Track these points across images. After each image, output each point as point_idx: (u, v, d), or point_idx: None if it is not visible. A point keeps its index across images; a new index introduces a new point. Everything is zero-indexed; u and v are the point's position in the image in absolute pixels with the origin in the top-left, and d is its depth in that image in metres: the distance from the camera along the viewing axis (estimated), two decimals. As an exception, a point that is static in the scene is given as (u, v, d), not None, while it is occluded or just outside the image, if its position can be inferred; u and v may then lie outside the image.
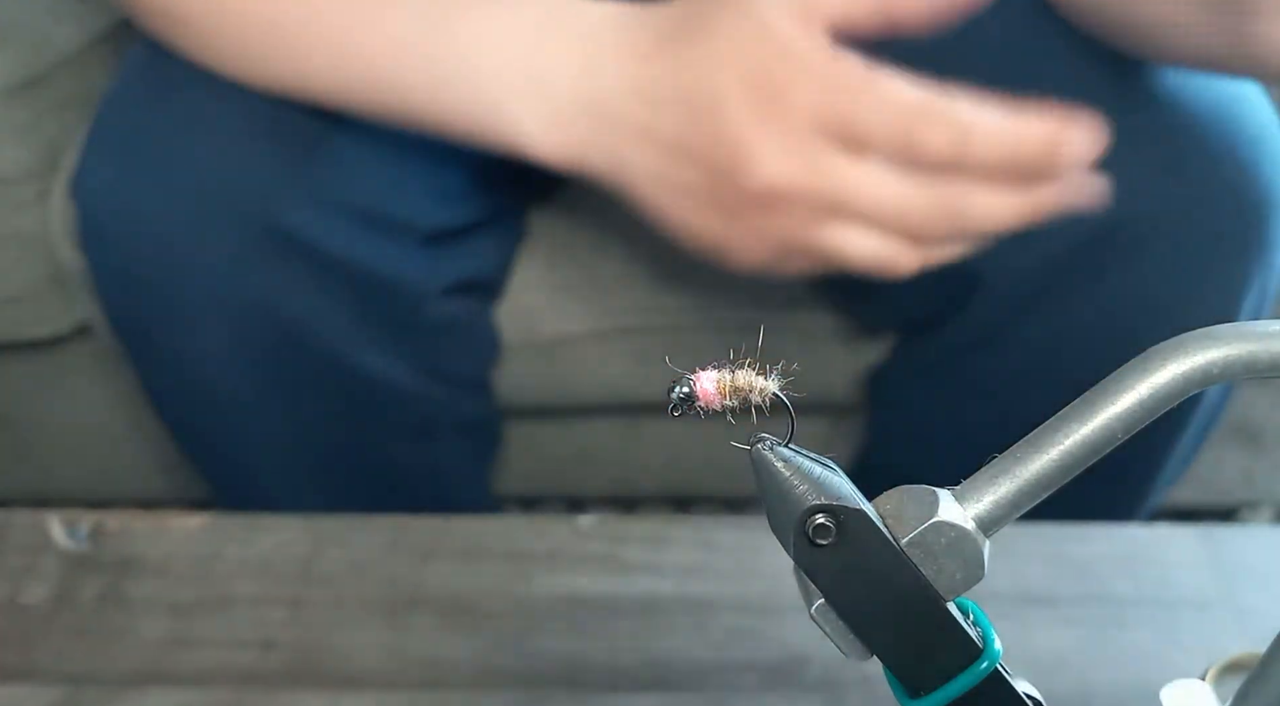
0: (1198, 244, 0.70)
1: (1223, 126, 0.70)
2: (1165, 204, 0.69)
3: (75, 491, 1.09)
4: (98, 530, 0.60)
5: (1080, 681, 0.52)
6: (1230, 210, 0.70)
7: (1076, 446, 0.29)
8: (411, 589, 0.57)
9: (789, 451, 0.30)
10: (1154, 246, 0.70)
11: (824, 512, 0.30)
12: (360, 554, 0.59)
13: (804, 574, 0.31)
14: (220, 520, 0.61)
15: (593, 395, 0.95)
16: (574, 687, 0.52)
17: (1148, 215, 0.70)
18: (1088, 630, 0.54)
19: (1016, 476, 0.30)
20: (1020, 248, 0.72)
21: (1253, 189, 0.70)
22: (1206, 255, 0.71)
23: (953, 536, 0.30)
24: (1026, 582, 0.56)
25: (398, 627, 0.55)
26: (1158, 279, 0.71)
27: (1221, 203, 0.69)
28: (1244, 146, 0.70)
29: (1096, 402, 0.29)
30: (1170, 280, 0.71)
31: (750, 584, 0.57)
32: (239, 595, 0.57)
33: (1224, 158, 0.69)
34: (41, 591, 0.57)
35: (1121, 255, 0.71)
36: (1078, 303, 0.73)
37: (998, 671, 0.31)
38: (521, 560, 0.59)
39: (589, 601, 0.56)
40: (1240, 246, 0.71)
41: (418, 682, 0.53)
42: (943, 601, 0.30)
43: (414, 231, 0.72)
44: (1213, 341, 0.29)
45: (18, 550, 0.59)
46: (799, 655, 0.53)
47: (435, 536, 0.60)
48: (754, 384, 0.31)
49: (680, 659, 0.53)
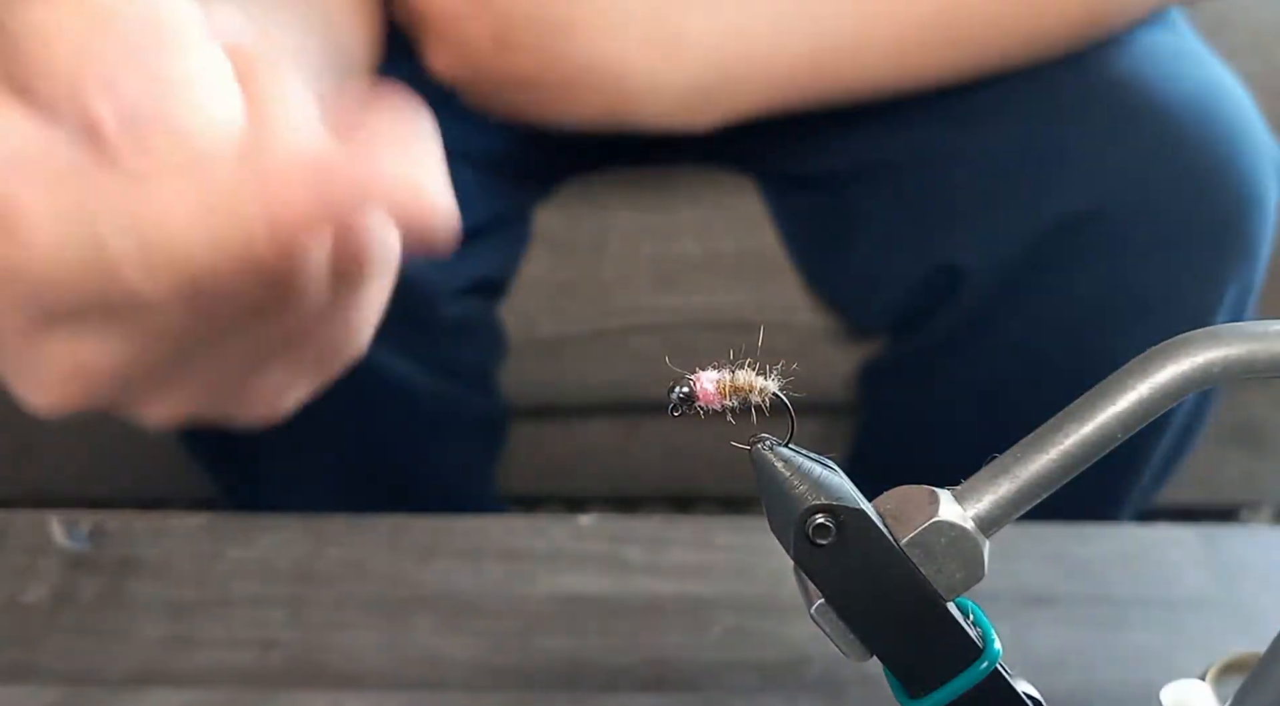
0: (1174, 238, 0.70)
1: (1199, 120, 0.70)
2: (1139, 196, 0.70)
3: (75, 491, 1.09)
4: (98, 530, 0.60)
5: (1080, 681, 0.52)
6: (1207, 205, 0.70)
7: (1076, 446, 0.29)
8: (411, 589, 0.57)
9: (789, 451, 0.30)
10: (1130, 239, 0.70)
11: (824, 512, 0.30)
12: (360, 554, 0.59)
13: (804, 574, 0.31)
14: (220, 520, 0.61)
15: (593, 395, 0.95)
16: (574, 687, 0.52)
17: (1121, 207, 0.70)
18: (1088, 630, 0.54)
19: (1016, 476, 0.30)
20: (999, 239, 0.72)
21: (1231, 186, 0.70)
22: (1184, 249, 0.71)
23: (953, 536, 0.30)
24: (1026, 582, 0.56)
25: (398, 627, 0.55)
26: (1134, 272, 0.71)
27: (1198, 197, 0.70)
28: (1222, 141, 0.70)
29: (1096, 402, 0.29)
30: (1147, 274, 0.71)
31: (750, 584, 0.57)
32: (239, 595, 0.57)
33: (1200, 152, 0.69)
34: (41, 591, 0.57)
35: (1097, 248, 0.71)
36: (1058, 295, 0.73)
37: (998, 671, 0.31)
38: (521, 560, 0.59)
39: (589, 601, 0.56)
40: (1218, 241, 0.71)
41: (418, 682, 0.53)
42: (943, 601, 0.30)
43: None
44: (1213, 341, 0.29)
45: (18, 550, 0.59)
46: (799, 655, 0.53)
47: (435, 536, 0.60)
48: (754, 384, 0.31)
49: (680, 659, 0.53)
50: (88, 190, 0.27)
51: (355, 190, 0.26)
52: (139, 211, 0.27)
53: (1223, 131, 0.70)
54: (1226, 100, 0.71)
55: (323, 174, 0.26)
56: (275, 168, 0.27)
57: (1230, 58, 0.79)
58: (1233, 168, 0.69)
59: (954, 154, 0.74)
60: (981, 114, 0.72)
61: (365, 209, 0.26)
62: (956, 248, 0.73)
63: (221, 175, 0.27)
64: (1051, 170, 0.71)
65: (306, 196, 0.26)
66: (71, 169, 0.28)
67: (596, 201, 0.89)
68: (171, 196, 0.26)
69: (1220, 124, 0.70)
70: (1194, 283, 0.71)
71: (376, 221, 0.27)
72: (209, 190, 0.26)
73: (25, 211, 0.27)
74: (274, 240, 0.26)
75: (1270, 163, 0.72)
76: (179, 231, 0.26)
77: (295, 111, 0.31)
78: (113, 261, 0.27)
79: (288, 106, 0.30)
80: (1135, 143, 0.69)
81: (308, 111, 0.31)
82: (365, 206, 0.26)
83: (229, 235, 0.26)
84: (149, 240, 0.27)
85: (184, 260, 0.27)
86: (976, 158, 0.73)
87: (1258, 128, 0.72)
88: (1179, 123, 0.69)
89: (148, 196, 0.27)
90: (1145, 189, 0.69)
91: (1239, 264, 0.71)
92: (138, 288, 0.27)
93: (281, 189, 0.26)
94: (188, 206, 0.26)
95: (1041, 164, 0.71)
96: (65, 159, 0.28)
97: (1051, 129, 0.71)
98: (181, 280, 0.27)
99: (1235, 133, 0.70)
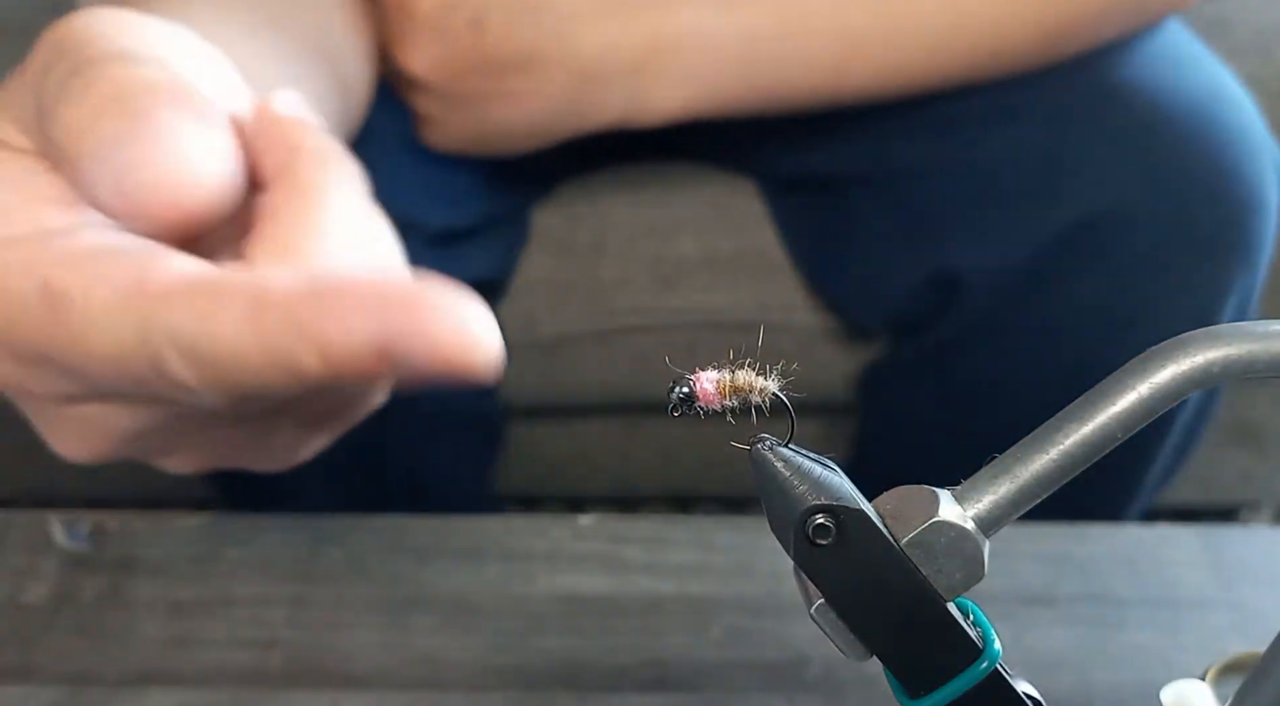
0: (1176, 243, 0.70)
1: (1201, 125, 0.70)
2: (1141, 202, 0.70)
3: (75, 491, 1.09)
4: (98, 530, 0.60)
5: (1080, 681, 0.52)
6: (1209, 211, 0.70)
7: (1076, 446, 0.29)
8: (411, 589, 0.57)
9: (789, 451, 0.30)
10: (1131, 245, 0.70)
11: (824, 512, 0.30)
12: (360, 554, 0.59)
13: (804, 574, 0.31)
14: (220, 520, 0.61)
15: (593, 395, 0.95)
16: (574, 687, 0.52)
17: (1123, 213, 0.70)
18: (1088, 630, 0.54)
19: (1016, 476, 0.30)
20: (1000, 244, 0.72)
21: (1233, 190, 0.70)
22: (1186, 255, 0.71)
23: (953, 536, 0.30)
24: (1026, 582, 0.56)
25: (398, 627, 0.55)
26: (1137, 278, 0.71)
27: (1200, 203, 0.70)
28: (1224, 147, 0.70)
29: (1096, 402, 0.29)
30: (1149, 279, 0.71)
31: (750, 584, 0.57)
32: (239, 595, 0.57)
33: (1202, 158, 0.69)
34: (41, 591, 0.57)
35: (1099, 253, 0.71)
36: (1059, 300, 0.73)
37: (997, 671, 0.31)
38: (521, 560, 0.59)
39: (589, 601, 0.56)
40: (1220, 247, 0.71)
41: (418, 682, 0.53)
42: (943, 601, 0.30)
43: (421, 231, 0.72)
44: (1213, 341, 0.29)
45: (18, 550, 0.59)
46: (799, 655, 0.53)
47: (435, 536, 0.60)
48: (754, 384, 0.31)
49: (680, 659, 0.53)
50: (142, 292, 0.27)
51: (412, 327, 0.26)
52: (192, 323, 0.27)
53: (1224, 136, 0.70)
54: (1228, 104, 0.71)
55: (382, 306, 0.26)
56: (335, 293, 0.26)
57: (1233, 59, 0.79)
58: (1235, 172, 0.69)
59: (954, 159, 0.74)
60: (982, 120, 0.72)
61: (418, 346, 0.26)
62: (957, 253, 0.73)
63: (276, 293, 0.26)
64: (1053, 177, 0.71)
65: (365, 329, 0.26)
66: (130, 267, 0.28)
67: (595, 202, 0.89)
68: (227, 318, 0.26)
69: (1222, 129, 0.70)
70: (1196, 287, 0.71)
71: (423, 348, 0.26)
72: (263, 309, 0.26)
73: (79, 298, 0.28)
74: (326, 367, 0.26)
75: (1271, 166, 0.72)
76: (229, 347, 0.26)
77: (349, 214, 0.31)
78: (158, 362, 0.27)
79: (347, 216, 0.31)
80: (1137, 149, 0.69)
81: (363, 211, 0.32)
82: (419, 345, 0.26)
83: (285, 363, 0.26)
84: (199, 352, 0.27)
85: (231, 375, 0.27)
86: (977, 163, 0.73)
87: (1259, 131, 0.72)
88: (1181, 128, 0.69)
89: (203, 313, 0.27)
90: (1147, 195, 0.69)
91: (1241, 268, 0.71)
92: (178, 391, 0.28)
93: (344, 322, 0.26)
94: (244, 329, 0.26)
95: (1043, 170, 0.71)
96: (126, 257, 0.28)
97: (1053, 135, 0.71)
98: (225, 389, 0.27)
99: (1237, 137, 0.70)
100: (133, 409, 0.30)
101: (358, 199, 0.32)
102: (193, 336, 0.27)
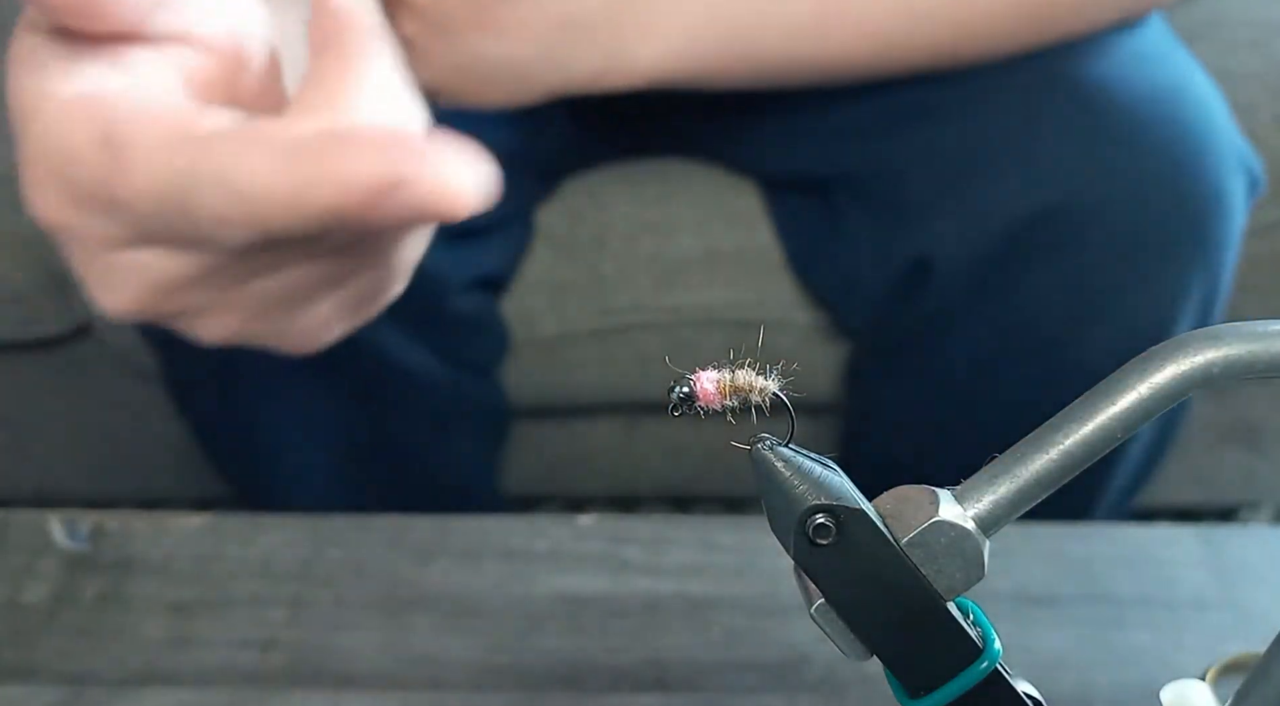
0: (1134, 235, 0.71)
1: (1161, 119, 0.70)
2: (1100, 194, 0.70)
3: (75, 491, 1.09)
4: (98, 530, 0.60)
5: (1080, 681, 0.52)
6: (1167, 202, 0.70)
7: (1076, 446, 0.29)
8: (411, 589, 0.57)
9: (789, 451, 0.30)
10: (1091, 236, 0.71)
11: (824, 512, 0.30)
12: (360, 554, 0.59)
13: (804, 574, 0.31)
14: (220, 520, 0.61)
15: (593, 395, 0.95)
16: (574, 687, 0.52)
17: (1083, 204, 0.70)
18: (1088, 630, 0.54)
19: (1016, 476, 0.30)
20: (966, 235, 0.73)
21: (1192, 188, 0.70)
22: (1144, 246, 0.71)
23: (953, 536, 0.30)
24: (1026, 582, 0.56)
25: (398, 627, 0.55)
26: (1096, 269, 0.72)
27: (1158, 195, 0.70)
28: (1184, 140, 0.70)
29: (1096, 402, 0.29)
30: (1108, 270, 0.71)
31: (750, 584, 0.57)
32: (239, 595, 0.57)
33: (1161, 150, 0.70)
34: (41, 591, 0.57)
35: (1060, 245, 0.71)
36: (1024, 290, 0.73)
37: (998, 671, 0.31)
38: (521, 560, 0.59)
39: (589, 601, 0.56)
40: (1179, 239, 0.71)
41: (418, 682, 0.53)
42: (942, 601, 0.30)
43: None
44: (1213, 341, 0.29)
45: (18, 550, 0.59)
46: (799, 655, 0.53)
47: (435, 536, 0.60)
48: (754, 384, 0.31)
49: (680, 659, 0.53)
50: (188, 135, 0.31)
51: (424, 169, 0.29)
52: (228, 159, 0.30)
53: (1184, 130, 0.70)
54: (1190, 99, 0.71)
55: (399, 150, 0.29)
56: (357, 138, 0.30)
57: (1231, 54, 0.79)
58: (1195, 166, 0.70)
59: (920, 151, 0.74)
60: (947, 111, 0.73)
61: (428, 186, 0.30)
62: (927, 242, 0.74)
63: (303, 136, 0.30)
64: (1016, 167, 0.71)
65: (384, 170, 0.29)
66: (182, 113, 0.32)
67: (597, 200, 0.89)
68: (259, 156, 0.30)
69: (1182, 123, 0.70)
70: (1154, 279, 0.72)
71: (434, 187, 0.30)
72: (290, 148, 0.30)
73: (135, 141, 0.31)
74: (347, 205, 0.29)
75: (1236, 161, 0.72)
76: (262, 189, 0.30)
77: (382, 81, 0.34)
78: (198, 195, 0.30)
79: (383, 81, 0.34)
80: (1097, 141, 0.70)
81: (395, 81, 0.35)
82: (428, 185, 0.30)
83: (307, 196, 0.29)
84: (233, 185, 0.30)
85: (263, 214, 0.30)
86: (942, 154, 0.74)
87: (1223, 126, 0.72)
88: (1141, 121, 0.70)
89: (239, 151, 0.30)
90: (1106, 186, 0.70)
91: (1201, 261, 0.71)
92: (217, 228, 0.31)
93: (360, 161, 0.29)
94: (273, 166, 0.29)
95: (1006, 161, 0.72)
96: (178, 103, 0.32)
97: (1015, 127, 0.72)
98: (257, 228, 0.30)
99: (1198, 131, 0.70)
100: (175, 255, 0.33)
101: (393, 69, 0.35)
102: (228, 170, 0.30)
